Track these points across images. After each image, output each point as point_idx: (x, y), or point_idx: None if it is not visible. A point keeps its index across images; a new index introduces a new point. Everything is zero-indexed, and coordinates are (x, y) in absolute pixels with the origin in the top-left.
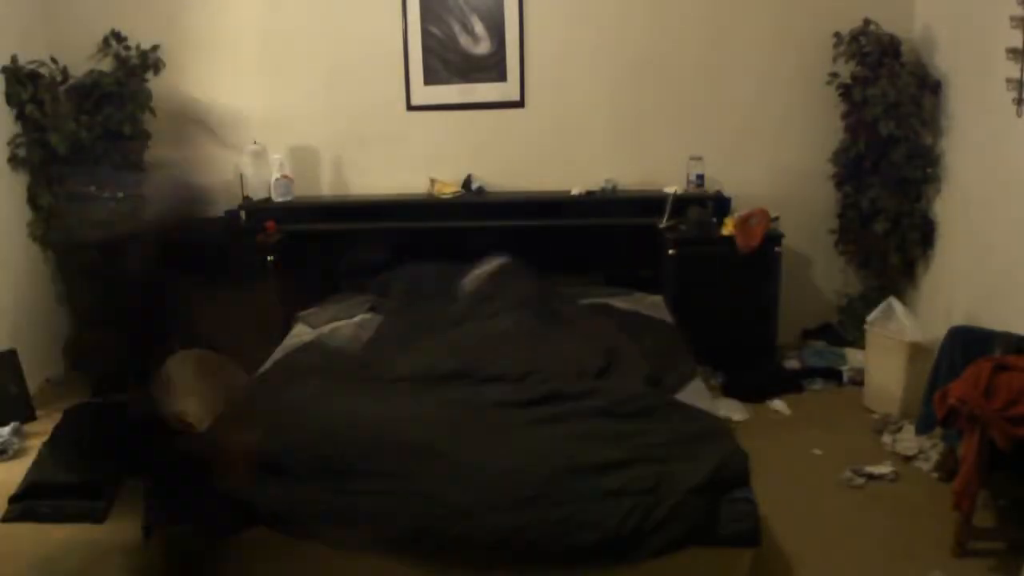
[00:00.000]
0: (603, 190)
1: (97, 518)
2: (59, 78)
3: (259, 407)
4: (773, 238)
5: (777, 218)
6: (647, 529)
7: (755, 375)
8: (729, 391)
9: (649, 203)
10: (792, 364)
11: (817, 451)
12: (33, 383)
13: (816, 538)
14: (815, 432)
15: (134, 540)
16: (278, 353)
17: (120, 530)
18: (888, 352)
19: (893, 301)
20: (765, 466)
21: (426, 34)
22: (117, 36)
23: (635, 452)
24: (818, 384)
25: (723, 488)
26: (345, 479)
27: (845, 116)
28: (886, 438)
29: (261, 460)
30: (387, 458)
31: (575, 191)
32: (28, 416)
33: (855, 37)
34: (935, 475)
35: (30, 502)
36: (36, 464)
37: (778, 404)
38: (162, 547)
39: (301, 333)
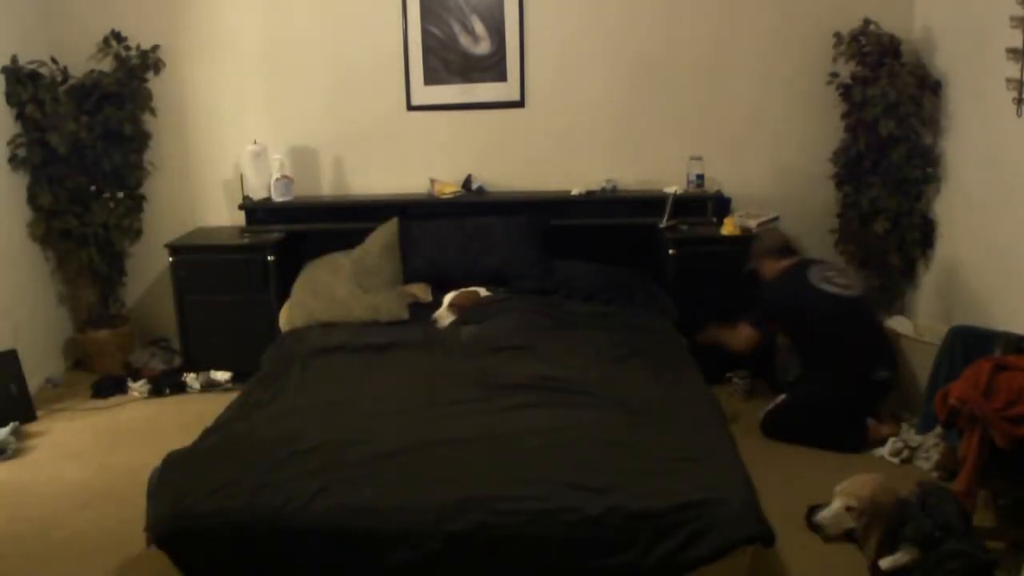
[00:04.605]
0: (603, 190)
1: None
2: (59, 78)
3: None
4: None
5: (777, 218)
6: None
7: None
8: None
9: (649, 203)
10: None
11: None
12: (33, 383)
13: (816, 537)
14: None
15: None
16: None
17: None
18: None
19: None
20: (764, 465)
21: (426, 34)
22: (117, 36)
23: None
24: None
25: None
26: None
27: (845, 116)
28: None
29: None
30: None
31: (575, 191)
32: (28, 416)
33: (855, 37)
34: (935, 475)
35: None
36: None
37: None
38: None
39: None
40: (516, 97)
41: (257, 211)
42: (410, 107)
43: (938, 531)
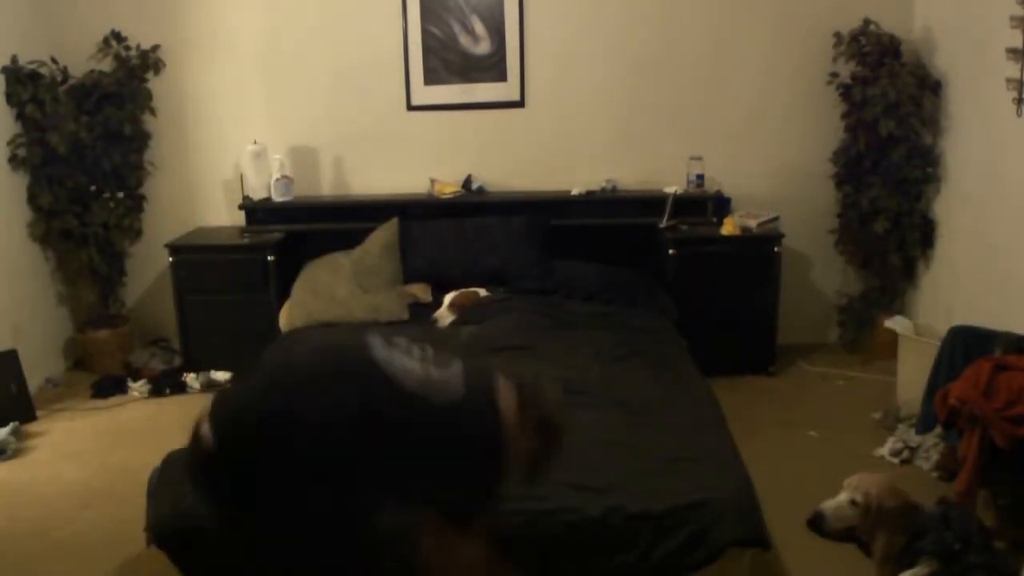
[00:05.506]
0: (603, 190)
1: None
2: (59, 78)
3: None
4: (773, 238)
5: (777, 218)
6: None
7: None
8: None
9: (649, 203)
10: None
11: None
12: (33, 383)
13: (816, 537)
14: (815, 430)
15: None
16: None
17: None
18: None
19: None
20: (766, 465)
21: (426, 34)
22: (117, 36)
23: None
24: None
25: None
26: None
27: (845, 116)
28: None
29: None
30: None
31: (575, 191)
32: (28, 416)
33: (855, 37)
34: (935, 475)
35: None
36: None
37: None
38: None
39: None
40: (516, 97)
41: (257, 211)
42: (410, 107)
43: (958, 544)
